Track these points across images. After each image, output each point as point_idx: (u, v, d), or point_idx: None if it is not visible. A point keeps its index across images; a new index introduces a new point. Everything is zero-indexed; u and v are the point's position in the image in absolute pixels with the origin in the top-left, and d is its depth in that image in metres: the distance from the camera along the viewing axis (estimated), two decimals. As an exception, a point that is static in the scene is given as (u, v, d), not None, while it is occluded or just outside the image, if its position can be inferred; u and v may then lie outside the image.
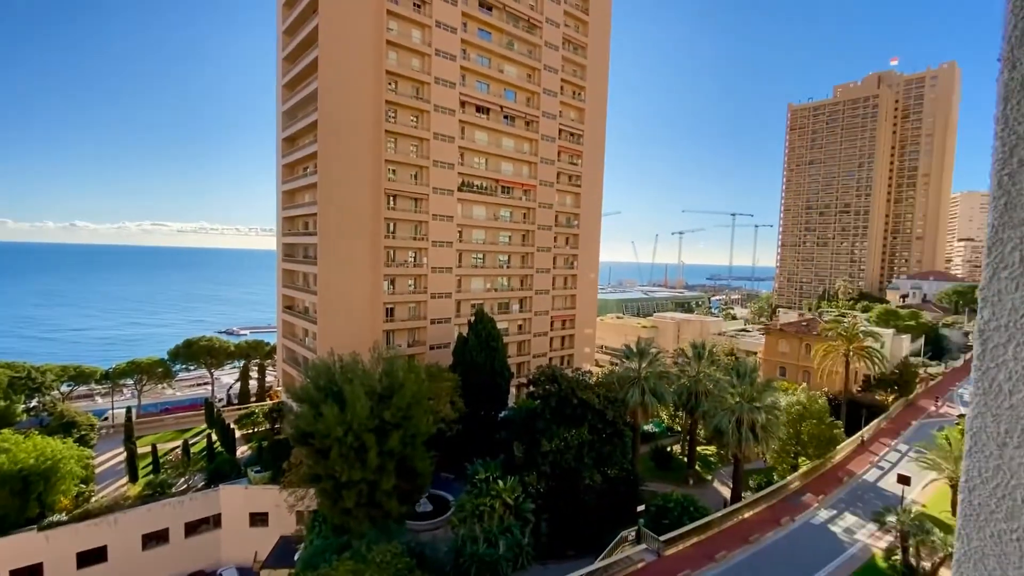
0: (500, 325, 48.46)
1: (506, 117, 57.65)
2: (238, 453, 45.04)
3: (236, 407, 57.92)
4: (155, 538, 35.46)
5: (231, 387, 66.95)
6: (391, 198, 48.92)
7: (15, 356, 60.69)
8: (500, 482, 29.63)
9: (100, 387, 61.81)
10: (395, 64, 48.15)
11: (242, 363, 64.42)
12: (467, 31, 52.99)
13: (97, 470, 41.61)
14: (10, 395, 47.26)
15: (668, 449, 46.42)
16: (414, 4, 49.28)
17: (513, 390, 52.73)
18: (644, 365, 40.08)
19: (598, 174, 68.35)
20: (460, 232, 54.49)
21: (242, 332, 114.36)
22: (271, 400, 58.43)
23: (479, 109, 55.48)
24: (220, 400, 62.89)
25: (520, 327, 61.18)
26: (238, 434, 48.15)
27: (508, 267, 60.08)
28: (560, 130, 62.60)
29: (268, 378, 66.93)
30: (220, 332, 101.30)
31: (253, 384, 63.68)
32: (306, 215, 49.81)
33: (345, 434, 26.67)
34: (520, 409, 42.87)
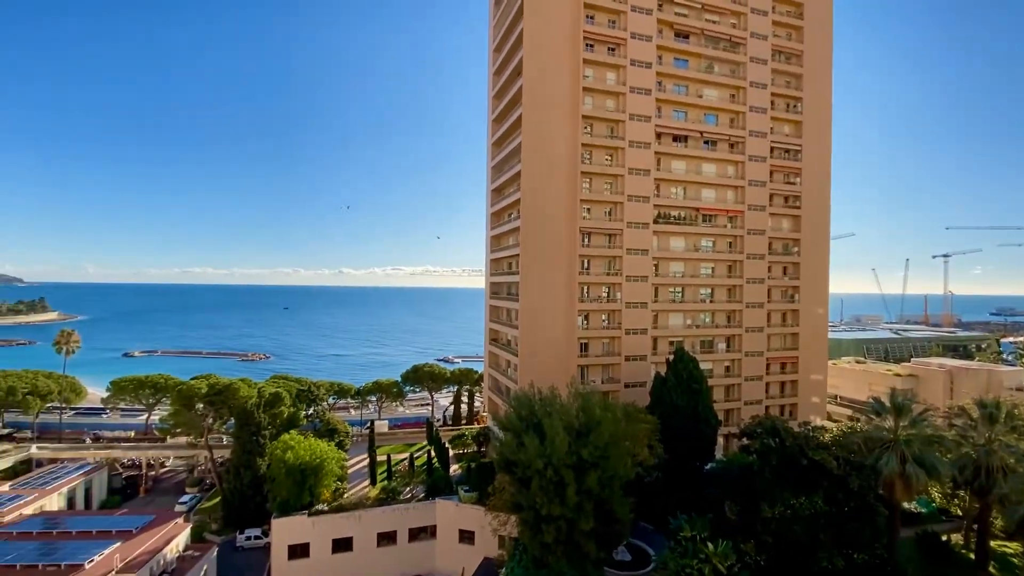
0: (703, 365, 44.94)
1: (706, 142, 55.16)
2: (451, 471, 50.97)
3: (450, 427, 66.15)
4: (386, 537, 41.48)
5: (446, 409, 77.12)
6: (585, 236, 50.97)
7: (300, 373, 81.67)
8: (709, 544, 26.87)
9: (353, 401, 77.89)
10: (590, 108, 50.98)
11: (455, 388, 73.85)
12: (662, 63, 53.18)
13: (349, 471, 51.82)
14: (296, 404, 63.19)
15: (943, 538, 35.60)
16: (608, 48, 51.87)
17: (721, 440, 47.87)
18: (903, 424, 32.08)
19: (823, 192, 59.41)
20: (656, 265, 53.24)
21: (455, 360, 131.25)
22: (478, 424, 65.05)
23: (676, 138, 54.45)
24: (438, 420, 72.93)
25: (728, 369, 55.70)
26: (451, 453, 54.64)
27: (711, 301, 55.88)
28: (772, 147, 56.89)
29: (476, 403, 75.00)
30: (439, 360, 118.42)
31: (464, 408, 72.18)
32: (509, 256, 55.31)
33: (545, 467, 27.82)
34: (731, 463, 38.50)
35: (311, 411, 66.33)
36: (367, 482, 50.89)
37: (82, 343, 79.65)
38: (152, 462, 61.81)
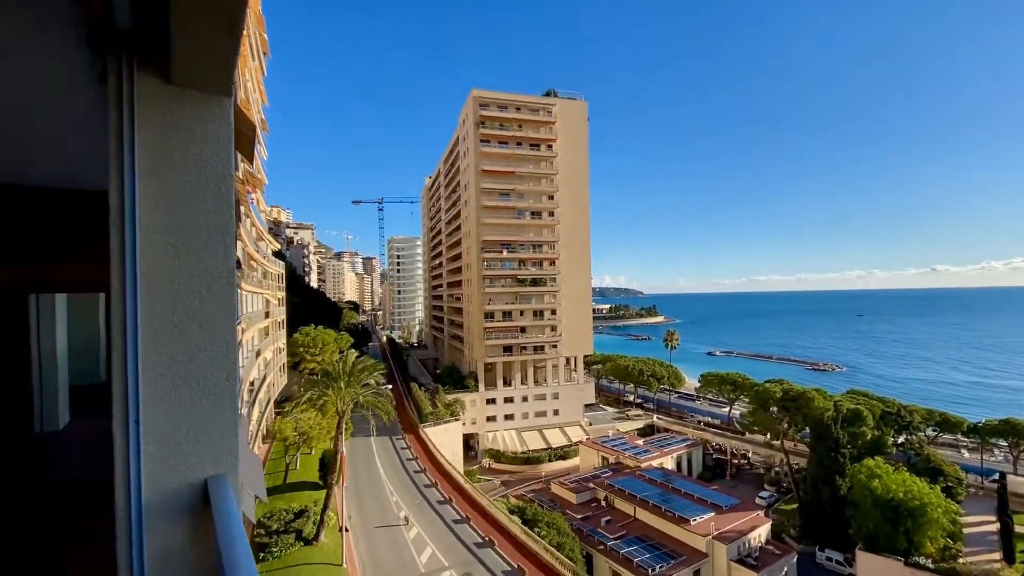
0: None
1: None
2: None
3: None
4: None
5: None
6: None
7: (881, 391, 71.55)
8: None
9: (966, 440, 61.21)
10: None
11: None
12: None
13: (964, 531, 41.34)
14: (881, 427, 56.13)
15: None
16: None
17: None
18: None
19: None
20: None
21: None
22: None
23: None
24: None
25: None
26: None
27: None
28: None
29: None
30: None
31: None
32: None
33: None
34: None
35: (902, 440, 57.53)
36: (999, 555, 39.09)
37: (680, 341, 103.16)
38: (735, 452, 71.61)
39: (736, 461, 73.11)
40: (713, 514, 40.95)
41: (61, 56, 2.63)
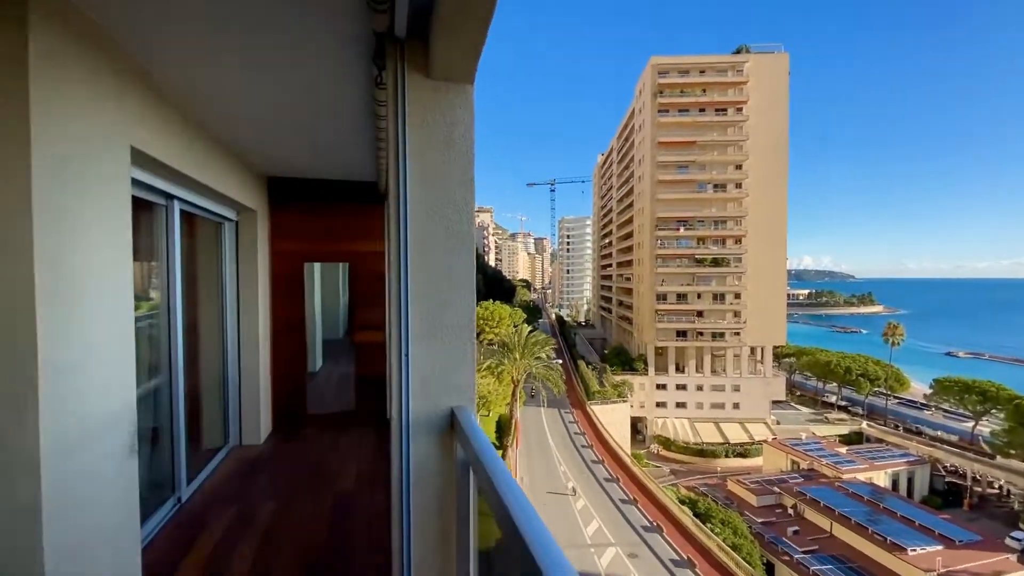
0: None
1: None
2: None
3: None
4: None
5: None
6: None
7: None
8: None
9: None
10: None
11: None
12: None
13: None
14: None
15: None
16: None
17: None
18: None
19: None
20: None
21: None
22: None
23: None
24: None
25: None
26: None
27: None
28: None
29: None
30: None
31: None
32: None
33: None
34: None
35: None
36: None
37: (906, 337, 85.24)
38: (978, 477, 57.33)
39: (980, 489, 59.01)
40: (940, 547, 34.02)
41: (344, 69, 3.36)
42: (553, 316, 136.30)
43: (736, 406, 64.36)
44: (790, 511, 41.95)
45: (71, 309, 2.49)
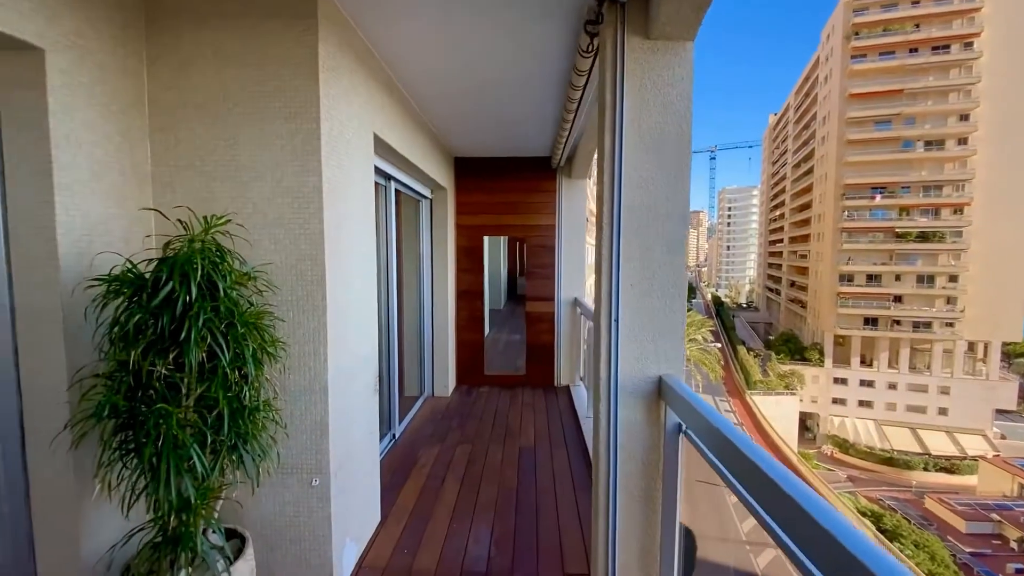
0: None
1: None
2: None
3: None
4: None
5: None
6: None
7: None
8: None
9: None
10: None
11: None
12: None
13: None
14: None
15: None
16: None
17: None
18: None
19: None
20: None
21: None
22: None
23: None
24: None
25: None
26: None
27: None
28: None
29: None
30: None
31: None
32: None
33: None
34: None
35: None
36: None
37: None
38: None
39: None
40: None
41: (547, 43, 3.49)
42: (708, 296, 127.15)
43: (943, 412, 53.48)
44: (1013, 545, 34.04)
45: (341, 263, 3.07)
